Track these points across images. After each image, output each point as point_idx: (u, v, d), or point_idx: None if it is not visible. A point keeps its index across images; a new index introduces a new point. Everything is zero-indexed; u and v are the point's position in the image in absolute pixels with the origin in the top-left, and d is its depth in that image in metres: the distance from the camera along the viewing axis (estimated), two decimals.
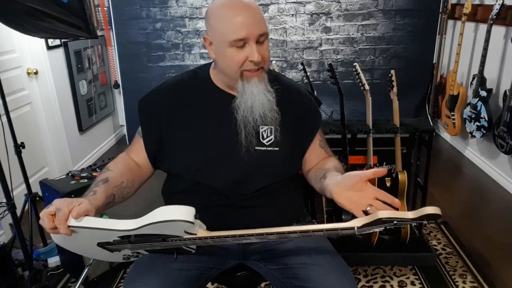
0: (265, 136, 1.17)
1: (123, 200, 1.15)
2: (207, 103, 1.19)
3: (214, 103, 1.19)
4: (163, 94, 1.24)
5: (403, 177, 2.06)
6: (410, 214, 0.88)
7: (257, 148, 1.16)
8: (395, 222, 0.89)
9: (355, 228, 0.91)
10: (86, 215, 0.94)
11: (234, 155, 1.16)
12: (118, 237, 0.96)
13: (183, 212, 0.89)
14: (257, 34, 1.06)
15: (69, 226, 0.91)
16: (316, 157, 1.27)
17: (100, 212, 1.03)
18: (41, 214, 0.92)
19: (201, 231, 0.96)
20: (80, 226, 0.92)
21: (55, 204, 0.93)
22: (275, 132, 1.18)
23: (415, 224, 0.90)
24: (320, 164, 1.25)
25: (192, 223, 0.89)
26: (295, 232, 0.94)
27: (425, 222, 0.91)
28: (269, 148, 1.17)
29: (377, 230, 0.93)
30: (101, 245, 1.01)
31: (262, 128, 1.17)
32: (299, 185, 1.33)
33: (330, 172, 1.13)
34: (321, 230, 0.93)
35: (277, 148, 1.18)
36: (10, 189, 1.81)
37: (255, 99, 1.11)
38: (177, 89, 1.23)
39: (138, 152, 1.24)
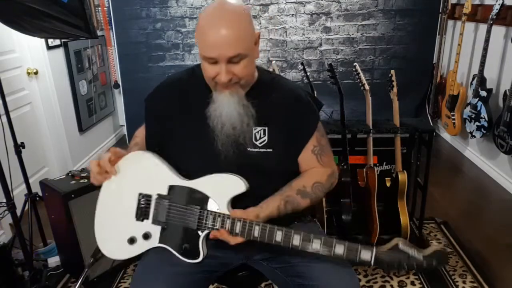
0: (258, 138, 1.17)
1: None
2: (201, 103, 1.19)
3: (205, 103, 1.18)
4: (164, 93, 1.26)
5: (403, 177, 2.06)
6: (422, 252, 1.00)
7: (249, 149, 1.16)
8: (410, 254, 1.00)
9: (374, 250, 1.02)
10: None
11: (222, 156, 1.15)
12: (168, 186, 1.14)
13: (241, 178, 1.11)
14: (227, 56, 1.04)
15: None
16: (306, 164, 1.24)
17: None
18: (89, 164, 1.16)
19: (234, 212, 1.09)
20: (155, 156, 1.15)
21: (100, 154, 1.11)
22: (269, 133, 1.17)
23: (426, 266, 1.00)
24: (300, 175, 1.22)
25: (246, 189, 1.09)
26: (319, 238, 1.05)
27: (434, 264, 1.00)
28: (262, 150, 1.17)
29: (391, 265, 1.00)
30: (141, 196, 1.15)
31: (255, 129, 1.16)
32: None
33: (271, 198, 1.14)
34: (343, 243, 1.04)
35: (271, 150, 1.17)
36: (10, 189, 1.81)
37: (223, 110, 1.12)
38: (176, 88, 1.25)
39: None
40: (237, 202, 1.12)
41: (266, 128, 1.17)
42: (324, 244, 1.04)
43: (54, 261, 2.16)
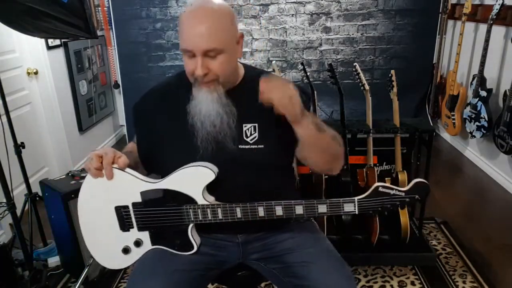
0: (248, 134, 1.17)
1: None
2: (186, 103, 1.19)
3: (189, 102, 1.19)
4: (152, 98, 1.26)
5: (403, 177, 2.06)
6: (403, 188, 1.03)
7: (240, 146, 1.16)
8: (392, 193, 1.02)
9: (355, 199, 1.04)
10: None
11: (200, 152, 1.15)
12: (140, 192, 1.11)
13: (209, 164, 1.10)
14: (203, 49, 1.05)
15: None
16: None
17: None
18: (90, 154, 1.08)
19: (213, 200, 1.11)
20: (121, 169, 1.10)
21: (103, 149, 1.09)
22: (259, 129, 1.17)
23: (408, 199, 1.04)
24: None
25: (215, 175, 1.08)
26: (300, 203, 1.08)
27: (416, 196, 1.04)
28: (253, 146, 1.17)
29: (375, 209, 1.04)
30: (118, 209, 1.13)
31: (245, 126, 1.17)
32: (292, 180, 1.32)
33: None
34: (325, 202, 1.07)
35: (262, 146, 1.17)
36: (10, 189, 1.82)
37: (202, 107, 1.12)
38: (163, 92, 1.26)
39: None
40: (230, 196, 1.12)
41: (256, 125, 1.17)
42: (306, 208, 1.08)
43: (54, 261, 2.16)
